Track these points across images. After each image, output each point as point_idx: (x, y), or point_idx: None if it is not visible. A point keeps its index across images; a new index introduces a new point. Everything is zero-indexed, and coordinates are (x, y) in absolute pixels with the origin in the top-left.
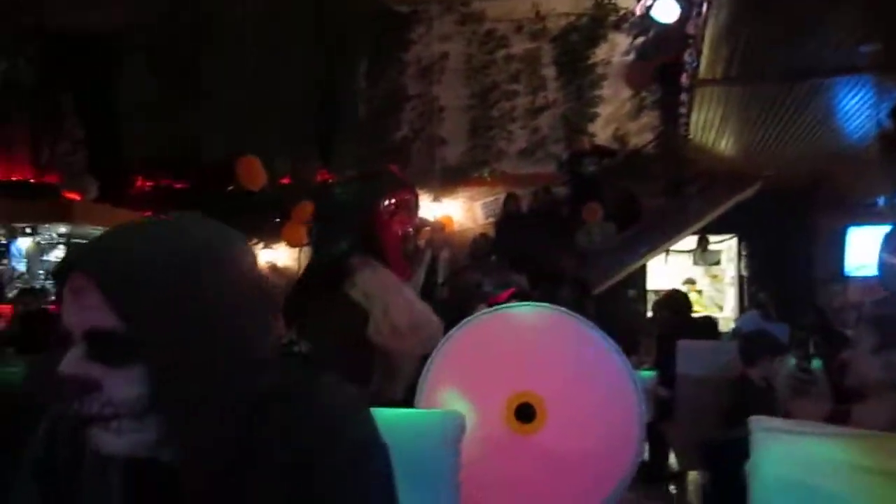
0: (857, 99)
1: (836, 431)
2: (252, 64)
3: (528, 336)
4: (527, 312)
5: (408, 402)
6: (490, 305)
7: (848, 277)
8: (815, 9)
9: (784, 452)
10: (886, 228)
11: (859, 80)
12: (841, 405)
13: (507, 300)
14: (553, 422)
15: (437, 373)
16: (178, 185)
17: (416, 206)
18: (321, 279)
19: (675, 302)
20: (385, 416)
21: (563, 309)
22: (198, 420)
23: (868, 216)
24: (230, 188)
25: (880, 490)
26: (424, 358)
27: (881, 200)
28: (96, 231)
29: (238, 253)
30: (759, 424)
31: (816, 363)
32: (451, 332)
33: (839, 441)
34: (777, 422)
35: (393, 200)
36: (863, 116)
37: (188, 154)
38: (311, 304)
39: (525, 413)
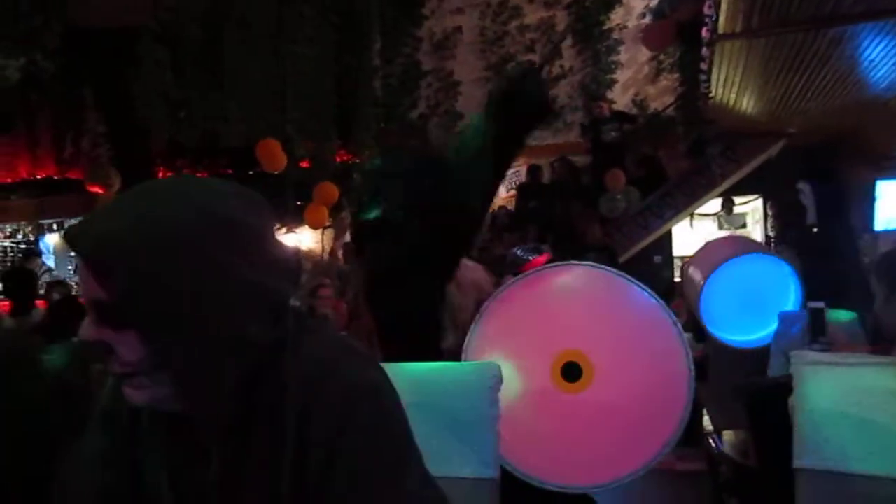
0: (882, 46)
1: (879, 360)
2: (267, 47)
3: (573, 295)
4: (570, 271)
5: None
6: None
7: (879, 232)
8: None
9: (828, 384)
10: None
11: (885, 27)
12: (880, 344)
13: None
14: (600, 379)
15: (483, 336)
16: (200, 175)
17: None
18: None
19: None
20: (425, 369)
21: (606, 267)
22: (197, 378)
23: None
24: (251, 173)
25: None
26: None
27: None
28: None
29: (240, 216)
30: (803, 358)
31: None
32: (493, 295)
33: (883, 370)
34: (821, 355)
35: None
36: (889, 65)
37: (209, 142)
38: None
39: (572, 372)
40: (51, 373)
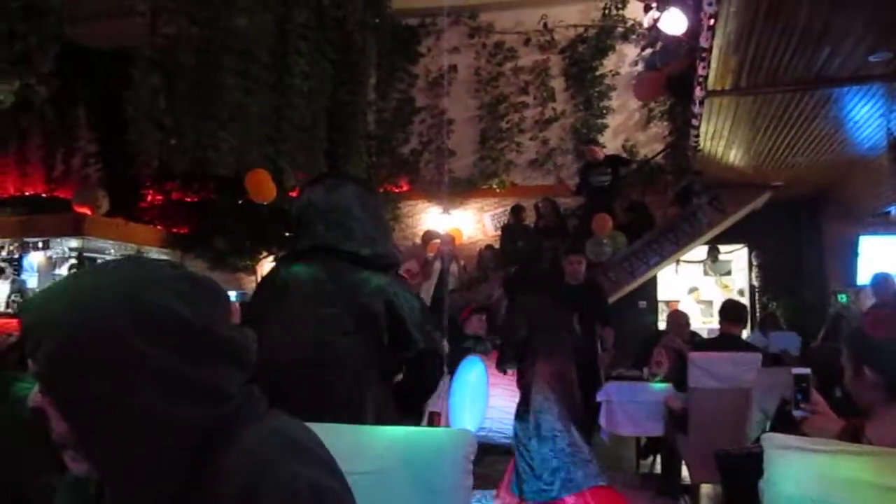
0: (867, 108)
1: (849, 449)
2: (262, 78)
3: None
4: None
5: None
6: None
7: (860, 287)
8: (824, 18)
9: (798, 470)
10: None
11: (870, 90)
12: (855, 418)
13: (469, 315)
14: None
15: None
16: (189, 199)
17: None
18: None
19: (736, 309)
20: (399, 434)
21: None
22: (110, 460)
23: (880, 226)
24: (240, 202)
25: None
26: None
27: (893, 209)
28: (107, 245)
29: (171, 305)
30: (773, 442)
31: None
32: None
33: (852, 458)
34: (791, 439)
35: None
36: (873, 126)
37: (199, 168)
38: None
39: None
40: (20, 399)
